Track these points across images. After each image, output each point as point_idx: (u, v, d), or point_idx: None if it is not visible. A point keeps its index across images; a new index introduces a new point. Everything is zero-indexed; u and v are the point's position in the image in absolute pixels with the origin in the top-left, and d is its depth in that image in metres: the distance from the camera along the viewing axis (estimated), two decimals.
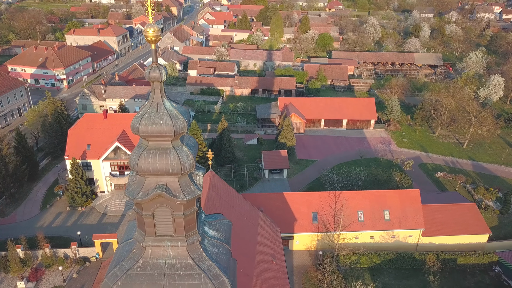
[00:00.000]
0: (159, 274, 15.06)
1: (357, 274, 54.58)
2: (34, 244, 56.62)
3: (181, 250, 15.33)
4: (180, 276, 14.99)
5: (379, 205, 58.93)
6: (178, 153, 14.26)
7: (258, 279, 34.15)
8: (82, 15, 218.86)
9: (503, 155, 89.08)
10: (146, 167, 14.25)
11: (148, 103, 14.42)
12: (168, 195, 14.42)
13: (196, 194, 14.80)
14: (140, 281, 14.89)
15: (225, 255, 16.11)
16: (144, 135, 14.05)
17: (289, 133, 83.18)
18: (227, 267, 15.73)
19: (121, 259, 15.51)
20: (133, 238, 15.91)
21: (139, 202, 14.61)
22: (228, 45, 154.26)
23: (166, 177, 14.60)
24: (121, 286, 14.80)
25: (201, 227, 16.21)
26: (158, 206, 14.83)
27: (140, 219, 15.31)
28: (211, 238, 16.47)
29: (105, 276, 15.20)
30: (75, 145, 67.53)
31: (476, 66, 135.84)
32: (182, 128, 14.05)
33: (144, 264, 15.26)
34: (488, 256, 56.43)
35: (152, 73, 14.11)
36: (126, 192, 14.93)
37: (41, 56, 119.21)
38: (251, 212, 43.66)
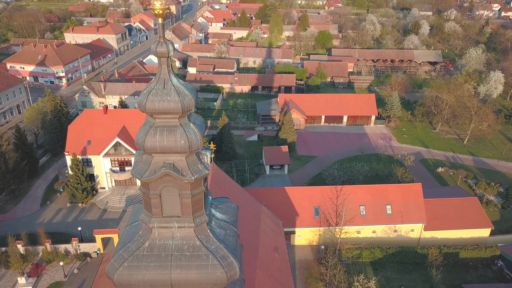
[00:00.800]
0: (166, 255, 14.81)
1: (359, 268, 54.41)
2: (35, 240, 56.36)
3: (188, 231, 15.07)
4: (188, 257, 14.74)
5: (381, 199, 58.74)
6: (185, 131, 14.00)
7: (262, 271, 33.94)
8: (80, 14, 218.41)
9: (503, 150, 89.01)
10: (153, 145, 13.98)
11: (155, 79, 14.15)
12: (176, 174, 14.16)
13: (204, 173, 14.55)
14: (147, 263, 14.65)
15: (233, 237, 15.88)
16: (151, 112, 13.79)
17: (290, 129, 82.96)
18: (235, 249, 15.50)
19: (127, 241, 15.26)
20: (139, 219, 15.65)
21: (146, 181, 14.34)
22: (227, 43, 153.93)
23: (174, 156, 14.34)
24: (128, 268, 14.54)
25: (208, 209, 15.97)
26: (165, 186, 14.56)
27: (146, 199, 15.04)
28: (218, 220, 16.22)
29: (111, 257, 14.96)
30: (75, 141, 67.21)
31: (476, 62, 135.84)
32: (189, 105, 13.80)
33: (150, 246, 15.01)
34: (490, 250, 56.26)
35: (159, 48, 13.86)
36: (133, 171, 14.67)
37: (40, 54, 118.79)
38: (253, 205, 43.44)
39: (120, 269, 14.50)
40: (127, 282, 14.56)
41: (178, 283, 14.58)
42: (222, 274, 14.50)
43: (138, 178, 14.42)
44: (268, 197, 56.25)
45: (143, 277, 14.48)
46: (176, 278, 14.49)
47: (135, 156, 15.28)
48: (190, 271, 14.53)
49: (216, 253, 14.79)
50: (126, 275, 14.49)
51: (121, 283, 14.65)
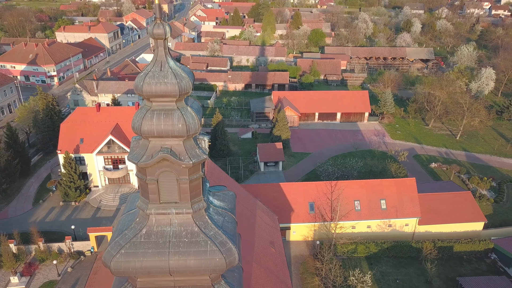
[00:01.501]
0: (163, 242, 14.60)
1: (355, 263, 54.47)
2: (27, 239, 55.71)
3: (186, 217, 14.88)
4: (186, 244, 14.55)
5: (376, 194, 58.90)
6: (183, 114, 13.81)
7: (258, 265, 33.82)
8: (72, 13, 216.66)
9: (495, 145, 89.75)
10: (150, 128, 13.76)
11: (152, 62, 13.93)
12: (173, 158, 13.95)
13: (202, 158, 14.36)
14: (144, 249, 14.43)
15: (231, 224, 15.72)
16: (147, 95, 13.57)
17: (284, 126, 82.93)
18: (234, 235, 15.34)
19: (124, 228, 15.04)
20: (136, 206, 15.43)
21: (143, 166, 14.12)
22: (220, 41, 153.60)
23: (171, 140, 14.13)
24: (125, 255, 14.31)
25: (206, 196, 15.79)
26: (162, 171, 14.35)
27: (143, 185, 14.82)
28: (216, 207, 16.05)
29: (108, 245, 14.73)
30: (67, 139, 66.56)
31: (468, 59, 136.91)
32: (187, 88, 13.60)
33: (148, 233, 14.80)
34: (484, 243, 56.66)
35: (156, 30, 13.63)
36: (129, 156, 14.45)
37: (31, 53, 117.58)
38: (248, 200, 43.31)
39: (117, 256, 14.27)
40: (125, 269, 14.33)
41: (176, 270, 14.38)
42: (221, 260, 14.34)
43: (134, 163, 14.20)
44: (263, 193, 56.14)
45: (140, 264, 14.27)
46: (174, 265, 14.30)
47: (132, 142, 15.06)
48: (189, 258, 14.34)
49: (214, 239, 14.62)
50: (123, 262, 14.26)
51: (118, 270, 14.42)
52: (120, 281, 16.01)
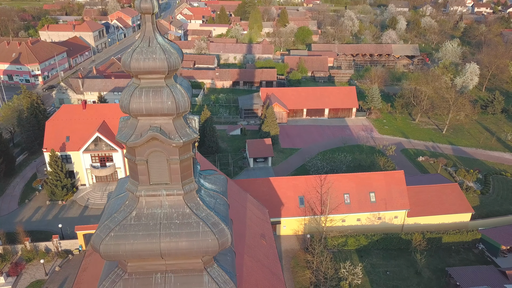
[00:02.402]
0: (154, 224, 14.28)
1: (345, 256, 54.65)
2: (13, 238, 54.61)
3: (177, 199, 14.58)
4: (177, 225, 14.25)
5: (365, 187, 59.21)
6: (172, 91, 13.50)
7: (249, 257, 33.63)
8: (55, 12, 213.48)
9: (481, 139, 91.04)
10: (138, 106, 13.42)
11: (139, 37, 13.58)
12: (163, 137, 13.64)
13: (192, 137, 14.08)
14: (135, 232, 14.09)
15: (223, 206, 15.48)
16: (135, 71, 13.21)
17: (273, 122, 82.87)
18: (226, 217, 15.11)
19: (113, 212, 14.68)
20: (126, 189, 15.09)
21: (132, 146, 13.76)
22: (207, 39, 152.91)
23: (160, 119, 13.82)
24: (114, 238, 13.96)
25: (197, 178, 15.52)
26: (152, 151, 14.02)
27: (132, 166, 14.47)
28: (208, 190, 15.81)
29: (97, 229, 14.38)
30: (53, 137, 65.47)
31: (452, 55, 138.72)
32: (176, 64, 13.29)
33: (138, 215, 14.46)
34: (471, 234, 57.41)
35: (143, 4, 13.21)
36: (117, 136, 14.09)
37: (14, 52, 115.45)
38: (239, 194, 43.10)
39: (107, 239, 13.92)
40: (114, 253, 13.99)
41: (168, 252, 14.09)
42: (213, 241, 14.08)
43: (123, 142, 13.85)
44: (252, 188, 55.92)
45: (131, 247, 13.93)
46: (165, 247, 14.01)
47: (120, 122, 14.72)
48: (180, 239, 14.06)
49: (206, 220, 14.36)
50: (113, 245, 13.91)
51: (108, 253, 14.07)
52: (110, 266, 15.65)
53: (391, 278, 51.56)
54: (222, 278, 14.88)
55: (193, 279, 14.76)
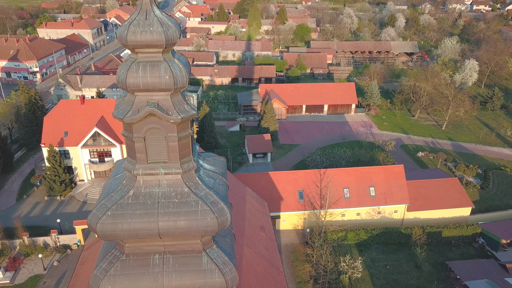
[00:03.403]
0: (152, 203, 14.00)
1: (345, 250, 54.44)
2: (11, 233, 54.34)
3: (175, 177, 14.30)
4: (176, 204, 13.98)
5: (365, 181, 58.99)
6: (170, 66, 13.21)
7: (249, 249, 33.40)
8: (54, 10, 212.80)
9: (480, 135, 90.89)
10: (135, 81, 13.13)
11: (136, 10, 13.28)
12: (161, 113, 13.36)
13: (190, 113, 13.80)
14: (132, 211, 13.81)
15: (222, 186, 15.21)
16: (132, 44, 12.92)
17: (272, 118, 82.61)
18: (226, 196, 14.85)
19: (110, 192, 14.41)
20: (123, 168, 14.82)
21: (129, 122, 13.47)
22: (206, 36, 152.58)
23: (158, 95, 13.54)
24: (111, 216, 13.67)
25: (196, 158, 15.24)
26: (150, 128, 13.73)
27: (130, 144, 14.18)
28: (207, 170, 15.54)
29: (94, 208, 14.11)
30: (51, 133, 65.14)
31: (451, 52, 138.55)
32: (173, 37, 13.00)
33: (135, 194, 14.17)
34: (471, 228, 57.23)
35: None
36: (114, 113, 13.81)
37: (12, 49, 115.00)
38: (238, 186, 42.85)
39: (104, 218, 13.64)
40: (111, 232, 13.71)
41: (166, 232, 13.82)
42: (212, 219, 13.82)
43: (120, 119, 13.58)
44: (252, 182, 55.65)
45: (128, 226, 13.65)
46: (164, 226, 13.74)
47: (116, 100, 14.46)
48: (179, 218, 13.78)
49: (205, 199, 14.08)
50: (110, 224, 13.64)
51: (105, 233, 13.79)
52: (107, 247, 15.39)
53: (391, 272, 51.38)
54: (222, 259, 14.63)
55: (191, 260, 14.50)
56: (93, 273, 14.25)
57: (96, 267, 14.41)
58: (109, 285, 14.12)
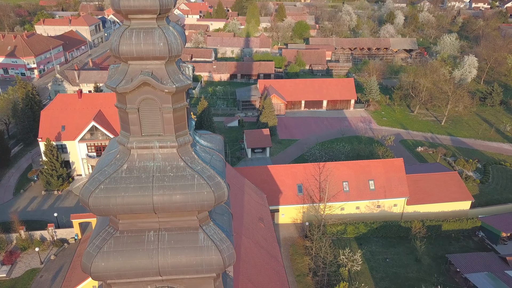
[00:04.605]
0: (147, 176, 13.59)
1: (344, 244, 54.10)
2: (8, 228, 53.88)
3: (170, 151, 13.89)
4: (171, 178, 13.58)
5: (364, 175, 58.68)
6: (164, 33, 12.81)
7: (248, 238, 33.02)
8: (52, 8, 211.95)
9: (480, 130, 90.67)
10: (129, 48, 12.72)
11: None
12: (155, 82, 12.93)
13: (186, 83, 13.38)
14: (126, 184, 13.40)
15: (220, 162, 14.81)
16: (125, 10, 12.49)
17: (271, 113, 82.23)
18: (223, 172, 14.46)
19: (103, 166, 14.02)
20: (116, 141, 14.40)
21: (122, 92, 13.05)
22: (204, 33, 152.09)
23: (152, 64, 13.12)
24: (104, 190, 13.26)
25: (192, 132, 14.84)
26: (144, 98, 13.31)
27: (123, 116, 13.76)
28: (203, 146, 15.15)
29: (86, 182, 13.70)
30: (48, 127, 64.67)
31: (450, 48, 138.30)
32: (168, 2, 12.59)
33: (129, 168, 13.76)
34: (471, 222, 56.96)
35: None
36: (107, 83, 13.40)
37: (9, 45, 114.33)
38: (236, 178, 42.45)
39: (96, 192, 13.21)
40: (104, 206, 13.31)
41: (161, 206, 13.41)
42: (209, 193, 13.42)
43: (113, 89, 13.17)
44: (251, 176, 55.26)
45: (122, 200, 13.25)
46: (158, 200, 13.33)
47: (110, 70, 14.04)
48: (174, 192, 13.38)
49: (202, 173, 13.68)
50: (103, 198, 13.23)
51: (98, 207, 13.38)
52: (101, 225, 14.99)
53: (391, 265, 51.07)
54: (219, 236, 14.24)
55: (187, 236, 14.10)
56: (86, 250, 13.86)
57: (89, 244, 14.01)
58: (102, 262, 13.71)
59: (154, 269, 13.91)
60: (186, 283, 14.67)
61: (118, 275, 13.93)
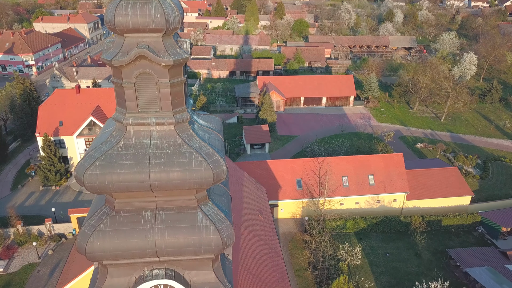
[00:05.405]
0: (143, 153, 13.22)
1: (344, 239, 53.79)
2: (5, 222, 53.50)
3: (168, 128, 13.53)
4: (168, 155, 13.21)
5: (364, 170, 58.39)
6: (161, 3, 12.46)
7: (247, 230, 32.69)
8: (50, 6, 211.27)
9: (479, 127, 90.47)
10: (124, 20, 12.35)
11: None
12: (152, 54, 12.57)
13: (183, 56, 13.02)
14: (122, 161, 13.03)
15: (218, 141, 14.47)
16: None
17: (270, 109, 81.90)
18: (222, 151, 14.12)
19: (99, 143, 13.66)
20: (112, 118, 14.06)
21: (118, 65, 12.68)
22: (203, 31, 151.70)
23: (149, 36, 12.75)
24: (100, 167, 12.89)
25: (190, 110, 14.49)
26: (140, 72, 12.95)
27: (119, 92, 13.40)
28: (202, 125, 14.81)
29: (81, 159, 13.35)
30: (46, 122, 64.26)
31: (449, 46, 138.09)
32: None
33: (125, 145, 13.39)
34: (471, 217, 56.69)
35: None
36: (103, 56, 13.05)
37: (7, 42, 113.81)
38: (235, 170, 42.12)
39: (91, 168, 12.85)
40: (100, 183, 12.95)
41: (158, 183, 13.06)
42: (207, 171, 13.07)
43: (108, 62, 12.81)
44: (250, 171, 54.86)
45: (118, 177, 12.88)
46: (155, 177, 12.97)
47: (105, 44, 13.68)
48: (172, 169, 13.02)
49: (200, 151, 13.32)
50: (98, 175, 12.86)
51: (93, 184, 13.03)
52: (97, 204, 14.65)
53: (391, 260, 50.78)
54: (217, 216, 13.89)
55: (185, 216, 13.75)
56: (81, 230, 13.51)
57: (84, 224, 13.67)
58: (97, 241, 13.36)
59: (151, 249, 13.57)
60: (184, 265, 14.35)
61: (114, 255, 13.59)
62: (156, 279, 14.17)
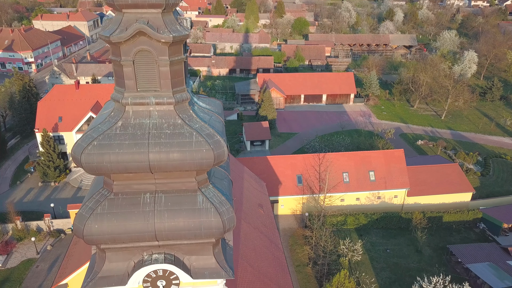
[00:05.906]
0: (142, 133, 12.90)
1: (344, 235, 53.49)
2: (4, 218, 53.18)
3: (167, 108, 13.21)
4: (168, 135, 12.90)
5: (364, 166, 58.10)
6: None
7: (247, 223, 32.40)
8: (50, 4, 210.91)
9: (480, 124, 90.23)
10: None
11: None
12: (151, 30, 12.25)
13: (183, 33, 12.71)
14: (120, 141, 12.71)
15: (219, 123, 14.16)
16: None
17: (270, 106, 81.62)
18: (223, 132, 13.82)
19: (97, 123, 13.36)
20: (111, 97, 13.76)
21: (116, 42, 12.37)
22: (203, 29, 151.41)
23: (148, 12, 12.43)
24: (98, 147, 12.56)
25: (190, 90, 14.18)
26: (139, 50, 12.65)
27: (118, 70, 13.09)
28: (202, 107, 14.51)
29: (79, 139, 13.04)
30: (45, 118, 63.95)
31: (450, 44, 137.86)
32: None
33: (124, 125, 13.08)
34: (472, 213, 56.44)
35: None
36: (101, 33, 12.74)
37: (6, 39, 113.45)
38: (235, 165, 41.83)
39: (89, 148, 12.52)
40: (98, 163, 12.62)
41: (157, 164, 12.75)
42: (208, 151, 12.76)
43: (106, 38, 12.50)
44: (250, 166, 54.55)
45: (116, 157, 12.57)
46: (155, 158, 12.67)
47: (103, 21, 13.38)
48: (171, 149, 12.71)
49: (201, 131, 13.01)
50: (96, 155, 12.54)
51: (91, 164, 12.70)
52: (95, 187, 14.34)
53: (391, 256, 50.50)
54: (218, 198, 13.59)
55: (185, 198, 13.45)
56: (78, 212, 13.20)
57: (82, 207, 13.36)
58: (95, 224, 13.05)
59: (150, 232, 13.26)
60: (184, 249, 14.05)
61: (112, 238, 13.28)
62: (156, 264, 13.89)
